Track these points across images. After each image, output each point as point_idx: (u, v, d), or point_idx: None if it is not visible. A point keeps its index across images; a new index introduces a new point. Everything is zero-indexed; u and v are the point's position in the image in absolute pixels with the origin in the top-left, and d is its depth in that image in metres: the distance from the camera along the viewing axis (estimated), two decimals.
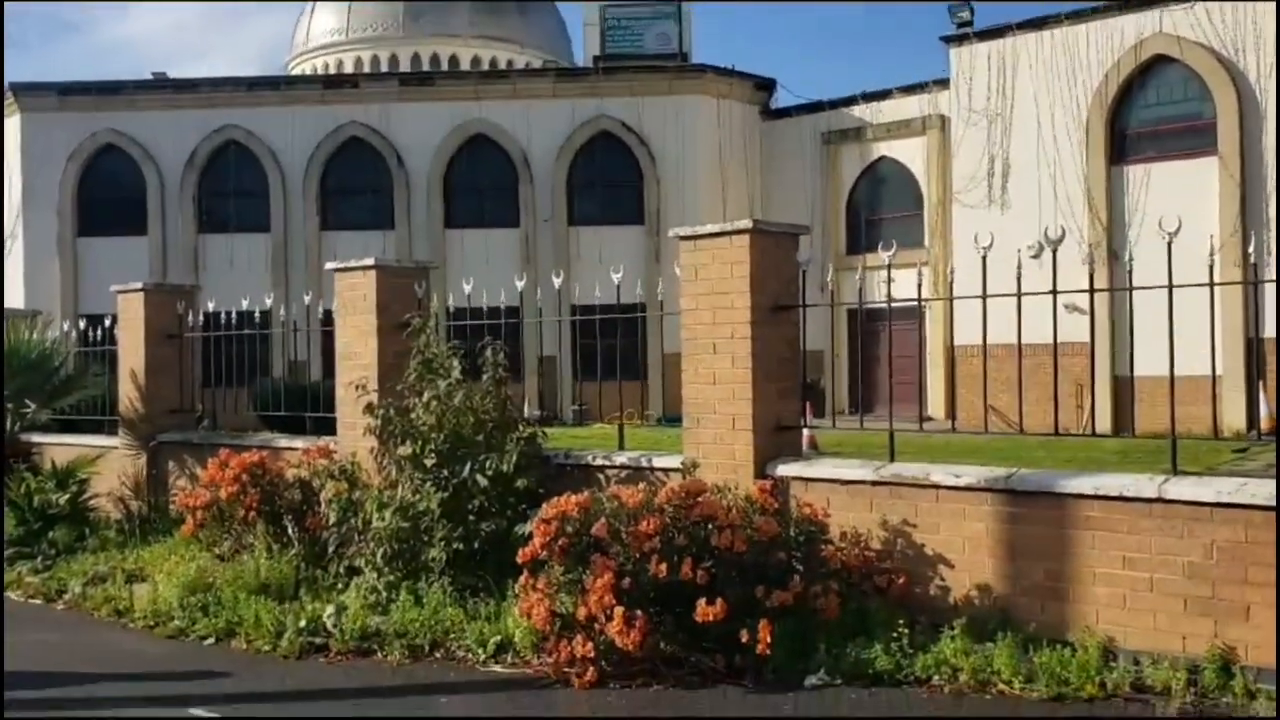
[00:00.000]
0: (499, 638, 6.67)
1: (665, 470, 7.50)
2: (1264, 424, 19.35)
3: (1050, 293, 6.30)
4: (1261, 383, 20.36)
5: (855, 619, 6.30)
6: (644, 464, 7.71)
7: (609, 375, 8.93)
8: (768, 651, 5.91)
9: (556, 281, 9.04)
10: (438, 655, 6.76)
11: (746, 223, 7.15)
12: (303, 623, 7.19)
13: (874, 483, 6.70)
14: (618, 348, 9.01)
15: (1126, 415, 19.64)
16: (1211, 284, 6.01)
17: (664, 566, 6.05)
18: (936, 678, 5.80)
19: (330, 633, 7.10)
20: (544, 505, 6.53)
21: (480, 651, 6.65)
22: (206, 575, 8.23)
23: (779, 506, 6.71)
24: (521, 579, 6.49)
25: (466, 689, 6.16)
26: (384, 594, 7.44)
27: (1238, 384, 21.45)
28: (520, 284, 9.27)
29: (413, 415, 7.92)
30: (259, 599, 7.65)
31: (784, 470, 7.04)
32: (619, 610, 5.95)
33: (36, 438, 12.53)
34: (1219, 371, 15.24)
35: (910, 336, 22.47)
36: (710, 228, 7.36)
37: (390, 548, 7.58)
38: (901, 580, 6.46)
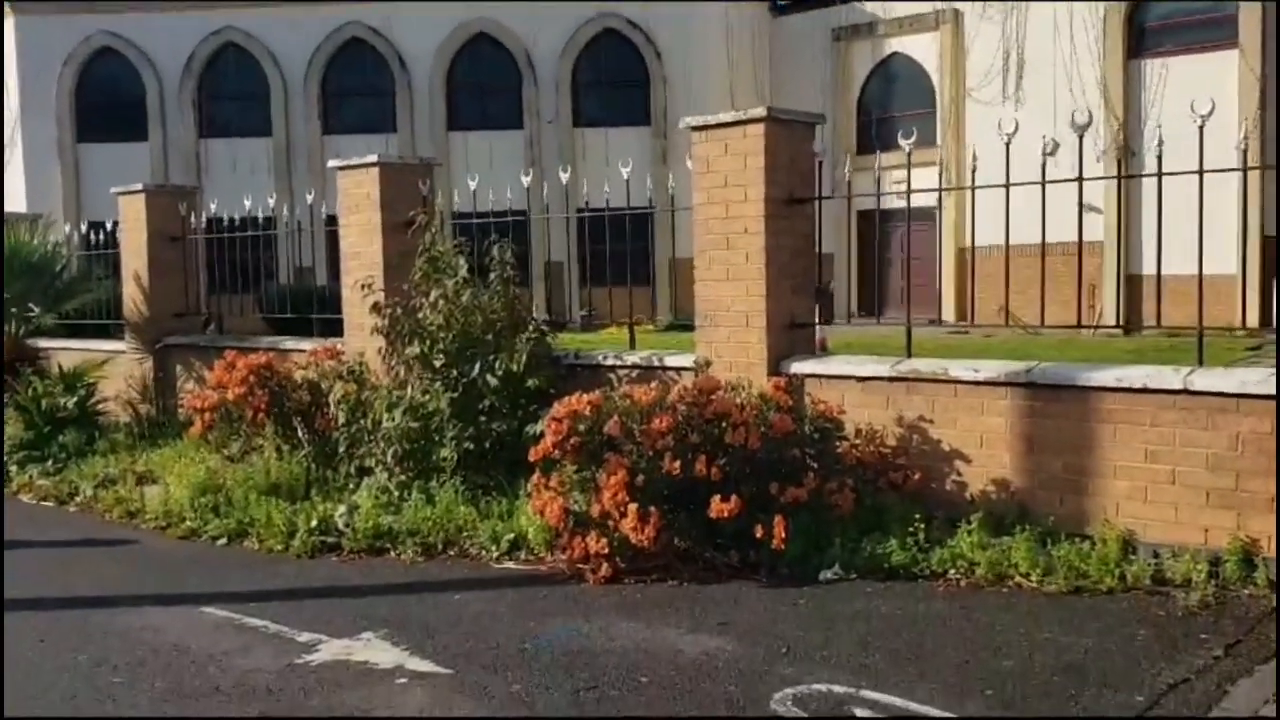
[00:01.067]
0: (512, 535, 6.66)
1: (678, 369, 7.40)
2: None
3: (1076, 180, 6.10)
4: (1277, 280, 20.17)
5: (870, 515, 6.26)
6: (656, 363, 7.61)
7: (617, 280, 8.76)
8: (782, 546, 5.87)
9: (564, 177, 8.81)
10: (451, 553, 6.76)
11: (760, 111, 6.92)
12: (314, 522, 7.17)
13: (890, 379, 6.59)
14: (627, 251, 8.82)
15: (1138, 314, 19.52)
16: (1245, 168, 5.82)
17: (677, 464, 5.99)
18: (952, 571, 5.76)
19: (342, 532, 7.09)
20: (555, 404, 6.44)
21: (493, 549, 6.64)
22: (217, 476, 8.22)
23: (793, 404, 6.61)
24: (534, 478, 6.44)
25: (481, 585, 6.15)
26: (395, 494, 7.42)
27: (1253, 281, 21.24)
28: (526, 180, 9.06)
29: (420, 315, 7.81)
30: (270, 500, 7.64)
31: (798, 367, 6.93)
32: (633, 507, 5.90)
33: (43, 342, 12.47)
34: (1239, 267, 14.90)
35: (924, 238, 22.28)
36: (723, 116, 7.11)
37: (401, 448, 7.54)
38: (917, 476, 6.39)
